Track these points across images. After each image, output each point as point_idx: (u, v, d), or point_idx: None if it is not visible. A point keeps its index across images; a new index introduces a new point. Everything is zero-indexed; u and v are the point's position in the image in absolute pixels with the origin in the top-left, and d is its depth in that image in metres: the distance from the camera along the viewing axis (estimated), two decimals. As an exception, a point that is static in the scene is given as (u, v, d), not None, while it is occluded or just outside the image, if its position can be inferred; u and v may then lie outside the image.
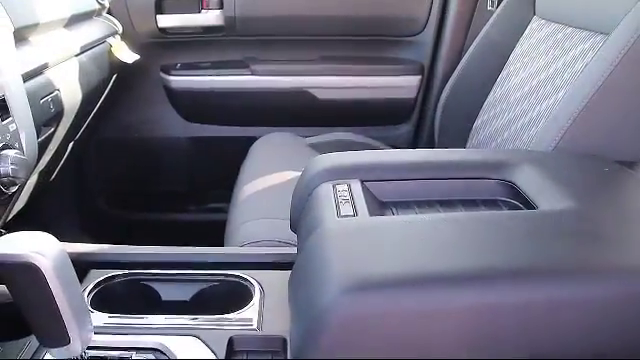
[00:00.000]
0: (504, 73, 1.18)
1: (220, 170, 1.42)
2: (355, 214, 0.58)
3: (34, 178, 1.03)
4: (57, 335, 0.52)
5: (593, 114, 0.79)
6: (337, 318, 0.45)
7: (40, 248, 0.49)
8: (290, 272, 0.58)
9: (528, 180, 0.66)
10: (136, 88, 1.48)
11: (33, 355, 0.62)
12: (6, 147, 0.68)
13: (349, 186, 0.66)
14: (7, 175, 0.67)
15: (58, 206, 1.44)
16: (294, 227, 0.71)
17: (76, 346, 0.53)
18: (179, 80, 1.44)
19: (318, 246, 0.53)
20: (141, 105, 1.50)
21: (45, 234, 0.51)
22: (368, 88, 1.45)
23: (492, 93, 1.20)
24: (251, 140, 1.39)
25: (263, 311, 0.67)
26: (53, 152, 1.07)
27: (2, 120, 0.68)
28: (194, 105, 1.49)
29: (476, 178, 0.69)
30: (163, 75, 1.45)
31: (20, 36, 0.85)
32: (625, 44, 0.77)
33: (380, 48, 1.47)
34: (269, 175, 1.13)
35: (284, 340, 0.61)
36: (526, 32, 1.16)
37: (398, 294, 0.46)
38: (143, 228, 1.54)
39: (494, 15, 1.24)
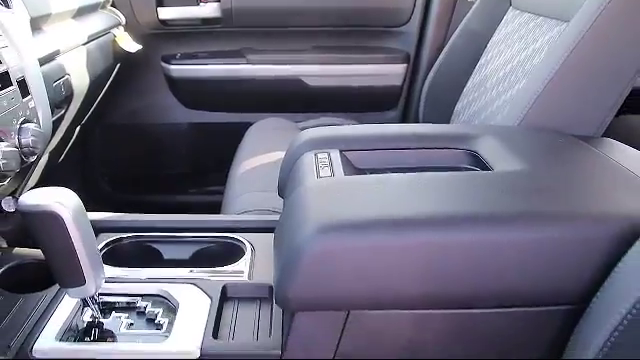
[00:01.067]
0: (482, 60, 1.26)
1: (218, 154, 1.50)
2: (332, 175, 0.67)
3: (45, 158, 1.11)
4: (74, 276, 0.60)
5: (552, 94, 0.88)
6: (311, 252, 0.53)
7: (61, 199, 0.58)
8: None
9: (489, 149, 0.75)
10: (138, 77, 1.56)
11: (48, 305, 0.70)
12: (26, 121, 0.77)
13: (329, 154, 0.75)
14: (28, 145, 0.76)
15: (64, 187, 1.53)
16: (281, 193, 0.80)
17: (90, 287, 0.61)
18: (179, 69, 1.53)
19: (298, 199, 0.61)
20: (143, 93, 1.58)
21: (65, 189, 0.60)
22: (357, 76, 1.53)
23: (471, 79, 1.28)
24: (247, 125, 1.47)
25: (253, 265, 0.75)
26: (62, 134, 1.16)
27: (23, 98, 0.77)
28: (193, 93, 1.57)
29: (444, 148, 0.78)
30: (164, 64, 1.54)
31: (35, 25, 0.93)
32: (581, 30, 0.85)
33: (368, 38, 1.55)
34: (263, 155, 1.22)
35: (271, 287, 0.70)
36: (502, 22, 1.24)
37: (363, 233, 0.54)
38: (144, 210, 1.62)
39: (474, 6, 1.32)
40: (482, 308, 0.57)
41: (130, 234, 0.83)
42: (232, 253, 0.79)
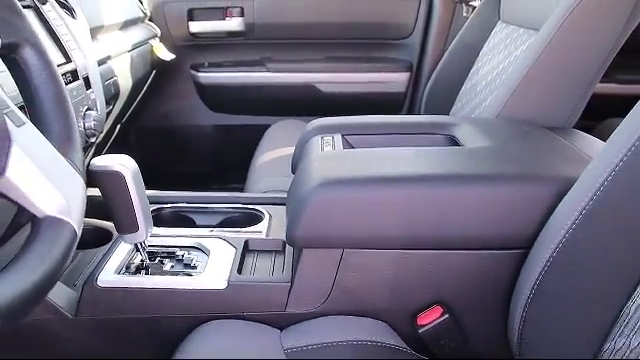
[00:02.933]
0: (474, 69, 1.42)
1: (239, 153, 1.68)
2: (334, 149, 0.83)
3: (91, 151, 1.30)
4: (130, 224, 0.76)
5: (525, 91, 1.03)
6: (314, 201, 0.69)
7: (123, 163, 0.75)
8: None
9: (464, 134, 0.90)
10: (170, 83, 1.76)
11: (104, 255, 0.86)
12: (89, 109, 0.95)
13: (332, 137, 0.91)
14: (90, 128, 0.94)
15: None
16: (294, 171, 0.96)
17: (141, 234, 0.77)
18: (207, 76, 1.72)
19: (306, 165, 0.78)
20: (173, 97, 1.78)
21: (126, 156, 0.77)
22: (365, 83, 1.71)
23: (464, 85, 1.44)
24: (266, 127, 1.64)
25: (270, 228, 0.92)
26: (106, 131, 1.34)
27: (87, 89, 0.95)
28: (218, 97, 1.76)
29: (427, 133, 0.94)
30: (193, 72, 1.73)
31: (92, 34, 1.12)
32: (548, 37, 1.01)
33: (375, 49, 1.73)
34: (280, 149, 1.39)
35: (284, 242, 0.86)
36: (492, 34, 1.41)
37: (355, 187, 0.70)
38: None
39: (468, 21, 1.49)
40: (449, 249, 0.72)
41: (168, 205, 1.00)
42: (252, 220, 0.96)
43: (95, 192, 0.75)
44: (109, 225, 0.97)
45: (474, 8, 1.50)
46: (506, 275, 0.73)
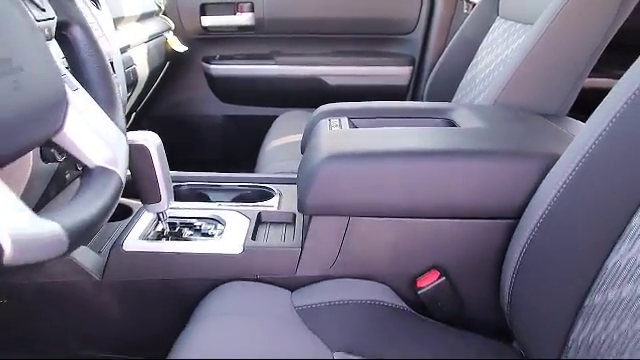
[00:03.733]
0: (473, 62, 1.49)
1: (247, 142, 1.75)
2: (340, 128, 0.90)
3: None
4: (153, 194, 0.83)
5: (520, 80, 1.10)
6: (323, 172, 0.76)
7: (148, 137, 0.82)
8: None
9: (461, 117, 0.97)
10: (182, 75, 1.83)
11: (127, 226, 0.93)
12: (113, 92, 1.02)
13: (339, 120, 0.98)
14: (114, 109, 1.01)
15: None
16: (303, 151, 1.03)
17: (163, 204, 0.84)
18: (218, 69, 1.79)
19: (315, 142, 0.85)
20: (185, 88, 1.85)
21: (151, 132, 0.84)
22: (369, 76, 1.78)
23: (464, 78, 1.51)
24: (273, 118, 1.71)
25: (280, 203, 0.99)
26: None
27: (111, 74, 1.03)
28: (229, 89, 1.83)
29: (427, 117, 1.01)
30: (204, 64, 1.80)
31: (114, 23, 1.20)
32: (541, 30, 1.08)
33: (379, 44, 1.80)
34: (288, 137, 1.46)
35: (294, 215, 0.93)
36: (490, 29, 1.47)
37: (359, 160, 0.77)
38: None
39: (468, 17, 1.56)
40: (445, 218, 0.79)
41: (185, 183, 1.07)
42: (264, 197, 1.03)
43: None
44: (129, 202, 1.04)
45: (474, 5, 1.57)
46: (498, 242, 0.79)
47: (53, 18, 0.53)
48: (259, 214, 0.93)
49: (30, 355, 0.92)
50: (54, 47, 0.55)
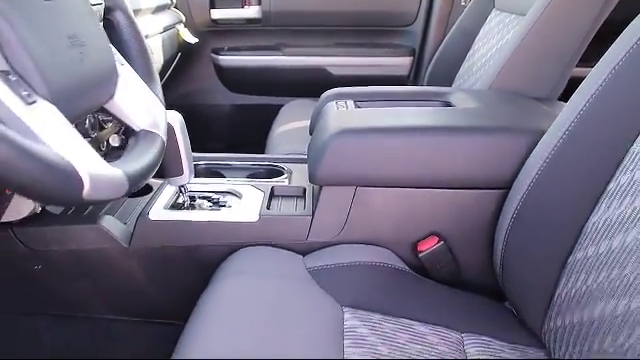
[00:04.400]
0: (470, 52, 1.57)
1: (256, 129, 1.83)
2: (347, 109, 0.98)
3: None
4: (176, 168, 0.91)
5: (513, 66, 1.18)
6: (332, 146, 0.84)
7: (172, 115, 0.90)
8: None
9: (458, 99, 1.05)
10: (192, 65, 1.91)
11: (150, 199, 1.01)
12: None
13: (345, 102, 1.06)
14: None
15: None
16: (311, 132, 1.11)
17: (185, 177, 0.92)
18: (226, 59, 1.87)
19: (324, 120, 0.93)
20: (195, 78, 1.93)
21: (174, 111, 0.92)
22: (371, 66, 1.86)
23: (462, 67, 1.59)
24: (280, 106, 1.79)
25: (291, 179, 1.07)
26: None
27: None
28: (237, 79, 1.91)
29: (427, 100, 1.09)
30: (214, 55, 1.88)
31: (133, 14, 1.28)
32: (533, 19, 1.16)
33: (380, 36, 1.88)
34: (294, 122, 1.54)
35: (304, 189, 1.01)
36: (487, 20, 1.56)
37: (365, 135, 0.85)
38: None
39: (466, 9, 1.64)
40: (443, 188, 0.87)
41: (201, 162, 1.15)
42: (276, 174, 1.11)
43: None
44: (149, 180, 1.12)
45: (471, -2, 1.65)
46: (490, 210, 0.88)
47: (101, 4, 0.61)
48: (272, 188, 1.01)
49: (61, 317, 1.00)
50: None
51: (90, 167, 0.41)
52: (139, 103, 0.58)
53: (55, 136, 0.39)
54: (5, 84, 0.38)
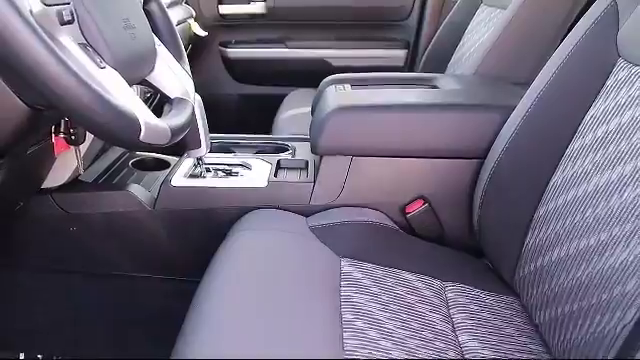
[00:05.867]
0: (460, 44, 1.69)
1: (261, 117, 1.96)
2: (344, 90, 1.12)
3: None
4: (195, 141, 1.03)
5: (494, 53, 1.31)
6: (331, 120, 0.97)
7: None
8: None
9: (443, 83, 1.19)
10: (202, 58, 2.04)
11: (169, 172, 1.14)
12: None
13: (344, 86, 1.19)
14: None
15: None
16: (313, 113, 1.24)
17: (203, 150, 1.05)
18: (234, 52, 2.01)
19: (324, 101, 1.06)
20: (204, 70, 2.06)
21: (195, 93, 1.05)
22: (369, 58, 1.99)
23: (452, 58, 1.71)
24: (283, 96, 1.92)
25: (295, 154, 1.20)
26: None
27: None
28: (243, 70, 2.05)
29: (416, 84, 1.22)
30: (222, 48, 2.02)
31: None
32: (512, 11, 1.29)
33: (378, 30, 2.02)
34: (298, 109, 1.68)
35: (307, 161, 1.14)
36: (475, 14, 1.68)
37: (360, 111, 0.99)
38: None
39: (456, 5, 1.77)
40: (427, 157, 1.00)
41: (215, 141, 1.28)
42: (281, 150, 1.24)
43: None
44: (168, 157, 1.26)
45: (461, -6, 1.78)
46: (469, 177, 1.01)
47: (141, -4, 0.74)
48: (278, 161, 1.14)
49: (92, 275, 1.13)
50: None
51: (146, 118, 0.54)
52: (173, 76, 0.71)
53: (121, 93, 0.52)
54: (85, 53, 0.51)
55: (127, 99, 0.52)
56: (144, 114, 0.54)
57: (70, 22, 0.52)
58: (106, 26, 0.55)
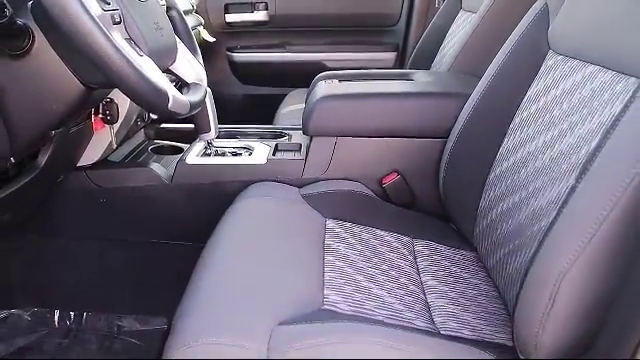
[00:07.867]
0: (442, 46, 1.89)
1: (263, 115, 2.16)
2: (332, 83, 1.32)
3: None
4: (204, 125, 1.23)
5: (467, 52, 1.50)
6: (320, 107, 1.17)
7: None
8: None
9: (418, 77, 1.38)
10: (210, 61, 2.24)
11: (181, 156, 1.34)
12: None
13: (332, 80, 1.40)
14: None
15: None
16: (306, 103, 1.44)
17: (212, 133, 1.24)
18: (239, 56, 2.22)
19: (314, 92, 1.26)
20: (212, 72, 2.25)
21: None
22: (362, 60, 2.20)
23: (435, 58, 1.91)
24: (284, 95, 2.12)
25: (291, 139, 1.40)
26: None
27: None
28: (247, 73, 2.26)
29: (396, 79, 1.42)
30: (228, 53, 2.23)
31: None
32: (482, 14, 1.49)
33: (369, 35, 2.23)
34: (296, 105, 1.88)
35: (300, 144, 1.33)
36: (455, 19, 1.87)
37: (344, 99, 1.18)
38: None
39: (439, 10, 1.96)
40: (401, 137, 1.19)
41: (222, 130, 1.48)
42: (278, 136, 1.43)
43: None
44: (180, 145, 1.46)
45: (443, 0, 1.97)
46: (436, 153, 1.19)
47: (164, 5, 0.94)
48: (276, 144, 1.34)
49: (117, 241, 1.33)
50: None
51: (173, 92, 0.74)
52: (189, 66, 0.91)
53: (155, 73, 0.72)
54: (129, 45, 0.71)
55: (159, 78, 0.72)
56: (171, 90, 0.74)
57: (119, 23, 0.72)
58: (143, 27, 0.75)
